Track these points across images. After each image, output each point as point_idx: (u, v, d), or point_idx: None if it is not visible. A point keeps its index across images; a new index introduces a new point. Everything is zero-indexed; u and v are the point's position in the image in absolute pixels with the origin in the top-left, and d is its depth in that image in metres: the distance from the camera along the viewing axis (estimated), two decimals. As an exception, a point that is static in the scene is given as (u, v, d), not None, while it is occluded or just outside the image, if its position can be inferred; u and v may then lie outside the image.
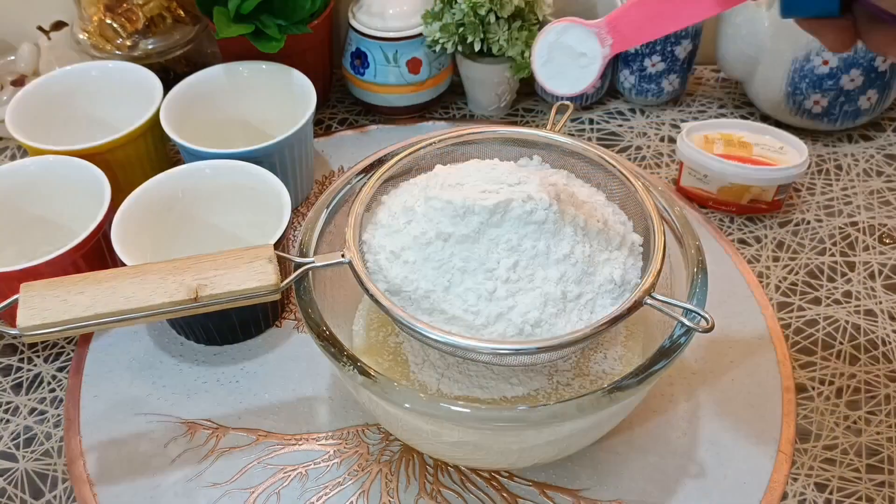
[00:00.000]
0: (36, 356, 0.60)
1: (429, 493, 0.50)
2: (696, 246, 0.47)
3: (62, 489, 0.52)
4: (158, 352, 0.59)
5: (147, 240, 0.58)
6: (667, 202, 0.49)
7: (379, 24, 0.73)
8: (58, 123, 0.68)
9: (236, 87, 0.70)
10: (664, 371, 0.42)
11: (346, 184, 0.52)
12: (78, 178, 0.61)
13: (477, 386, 0.48)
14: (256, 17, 0.68)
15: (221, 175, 0.61)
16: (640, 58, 0.76)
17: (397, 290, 0.45)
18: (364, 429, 0.54)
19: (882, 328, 0.59)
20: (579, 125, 0.78)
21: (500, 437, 0.44)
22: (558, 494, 0.50)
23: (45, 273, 0.51)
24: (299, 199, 0.69)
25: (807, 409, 0.54)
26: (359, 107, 0.81)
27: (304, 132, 0.65)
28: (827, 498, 0.50)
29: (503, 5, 0.69)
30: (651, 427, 0.53)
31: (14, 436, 0.55)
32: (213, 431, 0.54)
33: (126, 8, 0.73)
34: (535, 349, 0.41)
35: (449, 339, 0.41)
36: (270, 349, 0.59)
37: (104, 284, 0.43)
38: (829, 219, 0.68)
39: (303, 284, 0.46)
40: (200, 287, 0.43)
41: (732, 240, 0.66)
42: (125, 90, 0.69)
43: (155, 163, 0.67)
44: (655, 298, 0.42)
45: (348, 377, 0.42)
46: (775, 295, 0.62)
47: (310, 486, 0.50)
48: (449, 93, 0.81)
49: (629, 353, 0.51)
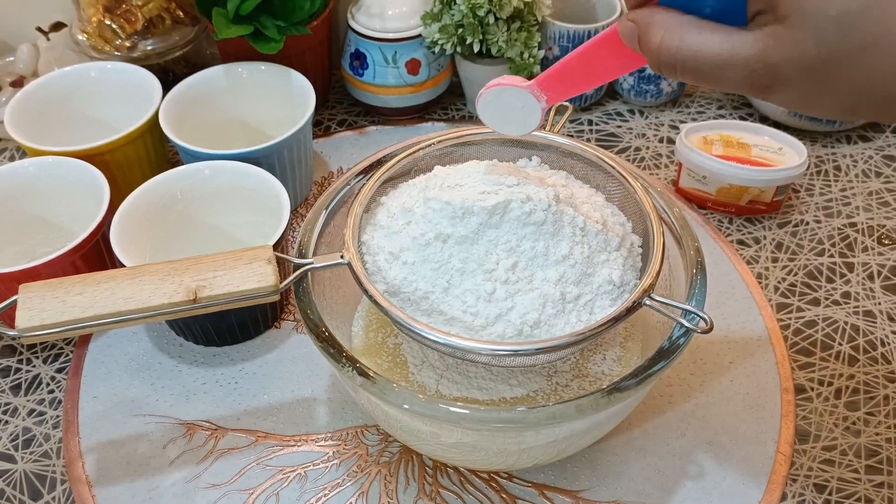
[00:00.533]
0: (35, 357, 0.60)
1: (428, 495, 0.50)
2: (695, 247, 0.47)
3: (61, 490, 0.51)
4: (157, 353, 0.59)
5: (146, 241, 0.58)
6: (666, 203, 0.49)
7: (378, 25, 0.73)
8: (57, 124, 0.68)
9: (235, 88, 0.70)
10: (663, 372, 0.42)
11: (345, 185, 0.52)
12: (77, 179, 0.61)
13: (476, 387, 0.48)
14: (255, 19, 0.68)
15: (220, 176, 0.61)
16: (639, 59, 0.76)
17: (396, 291, 0.45)
18: (363, 430, 0.54)
19: (881, 329, 0.59)
20: (578, 126, 0.78)
21: (499, 439, 0.44)
22: (557, 495, 0.50)
23: (43, 274, 0.52)
24: (298, 200, 0.69)
25: (806, 410, 0.54)
26: (358, 108, 0.81)
27: (303, 133, 0.65)
28: (826, 499, 0.50)
29: (502, 6, 0.69)
30: (650, 428, 0.53)
31: (13, 437, 0.55)
32: (212, 432, 0.53)
33: (125, 9, 0.73)
34: (534, 350, 0.41)
35: (448, 340, 0.41)
36: (269, 350, 0.59)
37: (103, 285, 0.43)
38: (828, 220, 0.68)
39: (302, 285, 0.46)
40: (199, 288, 0.43)
41: (731, 241, 0.66)
42: (124, 91, 0.70)
43: (154, 164, 0.67)
44: (654, 299, 0.42)
45: (347, 378, 0.42)
46: (774, 296, 0.62)
47: (309, 488, 0.50)
48: (448, 94, 0.81)
49: (628, 354, 0.51)
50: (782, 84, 0.30)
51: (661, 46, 0.32)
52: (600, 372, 0.50)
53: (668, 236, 0.47)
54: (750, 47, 0.30)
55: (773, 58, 0.30)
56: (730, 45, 0.31)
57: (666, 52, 0.32)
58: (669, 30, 0.32)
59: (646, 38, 0.33)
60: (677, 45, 0.32)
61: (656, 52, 0.33)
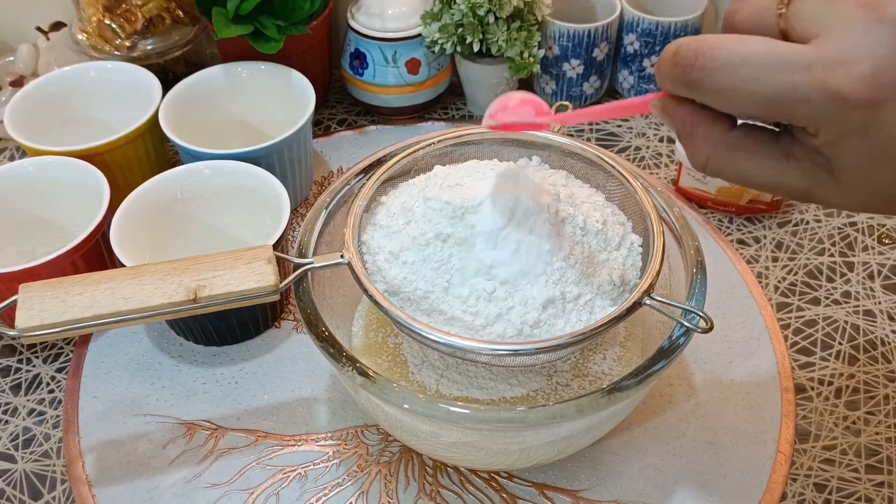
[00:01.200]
0: (35, 357, 0.60)
1: (428, 494, 0.50)
2: (695, 246, 0.47)
3: (61, 490, 0.51)
4: (157, 353, 0.59)
5: (146, 240, 0.58)
6: (666, 203, 0.49)
7: (378, 24, 0.73)
8: (57, 124, 0.68)
9: (235, 88, 0.70)
10: (663, 372, 0.42)
11: (345, 184, 0.52)
12: (77, 179, 0.61)
13: (476, 387, 0.48)
14: (255, 18, 0.68)
15: (220, 176, 0.61)
16: (639, 58, 0.76)
17: (396, 290, 0.45)
18: (363, 429, 0.54)
19: (881, 328, 0.59)
20: (578, 125, 0.78)
21: (499, 438, 0.44)
22: (558, 495, 0.50)
23: (43, 274, 0.52)
24: (298, 199, 0.69)
25: (806, 410, 0.54)
26: (358, 107, 0.81)
27: (302, 133, 0.65)
28: (826, 498, 0.50)
29: (502, 6, 0.69)
30: (650, 428, 0.53)
31: (13, 437, 0.55)
32: (212, 432, 0.53)
33: (125, 9, 0.73)
34: (534, 350, 0.41)
35: (448, 339, 0.41)
36: (269, 350, 0.59)
37: (103, 285, 0.43)
38: (828, 219, 0.68)
39: (302, 285, 0.46)
40: (199, 288, 0.43)
41: (731, 240, 0.66)
42: (124, 91, 0.69)
43: (154, 163, 0.67)
44: (654, 299, 0.42)
45: (347, 378, 0.42)
46: (774, 295, 0.62)
47: (309, 487, 0.50)
48: (448, 93, 0.81)
49: (628, 354, 0.51)
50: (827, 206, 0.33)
51: (708, 163, 0.33)
52: (600, 371, 0.50)
53: (669, 236, 0.47)
54: (798, 181, 0.32)
55: (817, 194, 0.32)
56: (780, 176, 0.32)
57: (713, 169, 0.33)
58: (717, 150, 0.32)
59: (690, 147, 0.33)
60: (727, 171, 0.33)
61: (702, 167, 0.33)
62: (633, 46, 0.76)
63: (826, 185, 0.31)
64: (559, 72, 0.77)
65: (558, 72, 0.77)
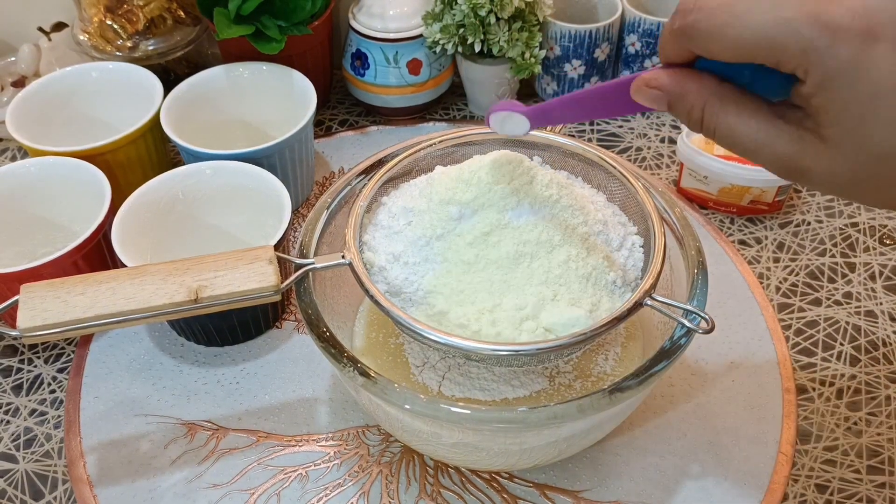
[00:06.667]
0: (36, 357, 0.60)
1: (429, 495, 0.50)
2: (697, 247, 0.47)
3: (62, 490, 0.52)
4: (158, 353, 0.59)
5: (147, 241, 0.58)
6: (667, 203, 0.49)
7: (379, 25, 0.73)
8: (58, 124, 0.68)
9: (237, 88, 0.70)
10: (664, 372, 0.42)
11: (346, 185, 0.52)
12: (78, 179, 0.61)
13: (478, 388, 0.48)
14: (257, 19, 0.68)
15: (222, 176, 0.61)
16: (641, 58, 0.76)
17: (397, 291, 0.45)
18: (364, 430, 0.54)
19: (882, 329, 0.59)
20: (579, 126, 0.78)
21: (500, 439, 0.44)
22: (559, 496, 0.50)
23: (45, 274, 0.52)
24: (299, 200, 0.69)
25: (807, 411, 0.54)
26: (359, 108, 0.81)
27: (304, 133, 0.65)
28: (827, 499, 0.50)
29: (503, 6, 0.69)
30: (651, 428, 0.53)
31: (14, 437, 0.55)
32: (213, 433, 0.54)
33: (126, 9, 0.73)
34: (535, 350, 0.41)
35: (448, 340, 0.41)
36: (270, 350, 0.59)
37: (104, 285, 0.43)
38: (830, 220, 0.68)
39: (303, 285, 0.46)
40: (201, 288, 0.43)
41: (733, 241, 0.66)
42: (126, 91, 0.70)
43: (155, 164, 0.67)
44: (656, 299, 0.42)
45: (348, 378, 0.42)
46: (776, 296, 0.62)
47: (310, 488, 0.50)
48: (449, 94, 0.81)
49: (629, 355, 0.51)
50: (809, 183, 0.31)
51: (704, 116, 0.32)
52: (602, 372, 0.50)
53: (670, 236, 0.47)
54: (785, 145, 0.30)
55: (804, 163, 0.30)
56: (766, 135, 0.31)
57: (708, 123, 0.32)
58: (711, 102, 0.32)
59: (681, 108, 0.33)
60: (716, 124, 0.32)
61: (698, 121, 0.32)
62: (634, 47, 0.76)
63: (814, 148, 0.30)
64: (560, 72, 0.77)
65: (560, 72, 0.77)
